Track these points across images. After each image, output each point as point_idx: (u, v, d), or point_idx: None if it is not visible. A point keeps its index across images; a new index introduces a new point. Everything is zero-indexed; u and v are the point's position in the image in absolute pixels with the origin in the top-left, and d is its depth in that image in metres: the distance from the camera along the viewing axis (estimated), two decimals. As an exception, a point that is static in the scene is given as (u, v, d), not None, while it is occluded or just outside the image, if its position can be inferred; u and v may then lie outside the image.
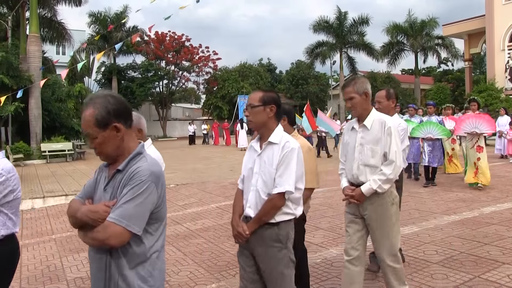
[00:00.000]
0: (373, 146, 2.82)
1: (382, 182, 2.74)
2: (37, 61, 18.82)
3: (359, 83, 2.86)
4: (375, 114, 2.91)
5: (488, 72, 24.08)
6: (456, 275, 3.63)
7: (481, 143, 7.64)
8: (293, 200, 2.37)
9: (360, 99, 2.85)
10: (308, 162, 2.83)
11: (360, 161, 2.87)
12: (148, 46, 34.88)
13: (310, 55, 36.79)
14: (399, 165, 2.77)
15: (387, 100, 3.71)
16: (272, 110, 2.40)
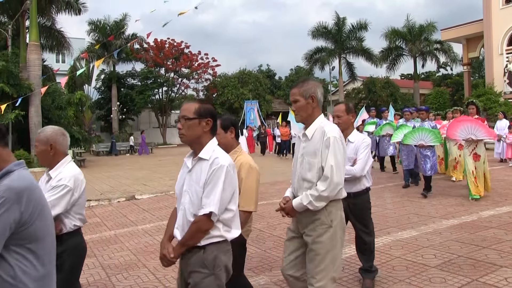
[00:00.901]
0: (311, 158, 2.54)
1: (313, 198, 2.45)
2: (37, 69, 18.91)
3: (306, 85, 2.60)
4: (319, 122, 2.59)
5: (487, 76, 24.20)
6: (454, 278, 3.64)
7: (479, 151, 7.01)
8: (224, 222, 2.17)
9: (305, 103, 2.57)
10: (248, 181, 2.64)
11: (299, 174, 2.61)
12: (148, 54, 35.05)
13: (309, 61, 36.97)
14: (336, 181, 2.44)
15: (347, 114, 3.47)
16: (208, 124, 2.20)
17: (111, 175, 13.72)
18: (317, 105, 2.61)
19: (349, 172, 3.32)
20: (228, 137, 2.82)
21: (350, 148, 3.43)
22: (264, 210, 7.10)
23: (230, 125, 2.83)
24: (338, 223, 2.55)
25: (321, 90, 2.66)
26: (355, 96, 37.99)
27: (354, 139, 3.49)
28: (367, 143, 3.49)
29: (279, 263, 4.35)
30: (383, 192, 8.46)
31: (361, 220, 3.57)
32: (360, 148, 3.43)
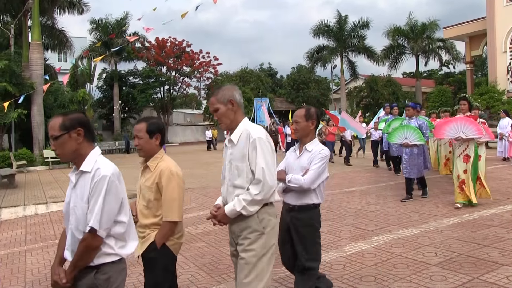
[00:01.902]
0: (239, 163, 2.42)
1: (247, 203, 2.33)
2: (39, 68, 18.97)
3: (222, 91, 2.50)
4: (244, 125, 2.49)
5: (490, 74, 24.09)
6: (455, 276, 3.64)
7: (471, 152, 6.38)
8: (117, 236, 2.03)
9: (225, 109, 2.47)
10: (168, 189, 2.53)
11: (229, 181, 2.49)
12: (149, 52, 35.08)
13: (310, 60, 36.94)
14: (269, 183, 2.33)
15: (306, 120, 3.15)
16: (79, 134, 2.04)
17: (113, 174, 13.74)
18: (238, 108, 2.50)
19: (297, 182, 3.01)
20: (153, 143, 2.65)
21: (305, 157, 3.12)
22: (266, 209, 7.11)
23: (156, 131, 2.65)
24: (271, 230, 2.43)
25: (239, 92, 2.53)
26: (357, 95, 37.96)
27: (312, 148, 3.13)
28: (324, 154, 3.09)
29: (279, 261, 4.36)
30: (384, 190, 8.46)
31: (302, 239, 3.09)
32: (315, 159, 3.06)
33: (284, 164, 3.24)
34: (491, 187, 7.96)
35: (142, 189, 2.66)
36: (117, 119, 34.29)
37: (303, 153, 3.15)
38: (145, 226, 2.59)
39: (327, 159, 3.10)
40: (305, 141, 3.18)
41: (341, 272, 3.93)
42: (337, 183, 9.64)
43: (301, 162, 3.11)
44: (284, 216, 3.16)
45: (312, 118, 3.15)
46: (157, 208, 2.58)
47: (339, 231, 5.41)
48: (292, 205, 3.10)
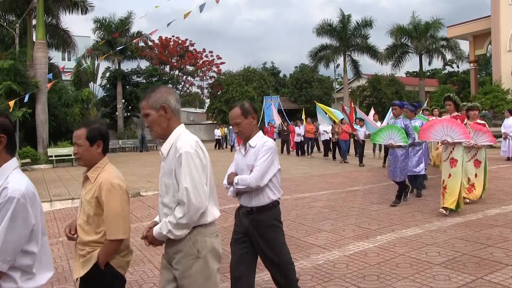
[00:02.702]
0: (167, 179, 2.19)
1: (172, 226, 2.10)
2: (43, 67, 19.05)
3: (155, 95, 2.23)
4: (175, 135, 2.23)
5: (494, 74, 24.00)
6: (458, 276, 3.64)
7: (457, 155, 5.96)
8: (23, 268, 1.79)
9: (157, 116, 2.21)
10: (110, 204, 2.25)
11: (159, 197, 2.29)
12: (152, 51, 35.15)
13: (313, 59, 36.93)
14: (195, 205, 2.07)
15: (245, 118, 2.86)
16: (0, 142, 1.83)
17: (116, 172, 13.79)
18: (172, 115, 2.24)
19: (243, 182, 2.78)
20: (94, 151, 2.36)
21: (251, 154, 2.87)
22: (269, 208, 7.12)
23: (98, 137, 2.37)
24: (208, 252, 2.19)
25: (175, 97, 2.29)
26: (360, 94, 37.89)
27: (255, 143, 2.87)
28: (268, 146, 2.82)
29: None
30: (388, 189, 8.44)
31: (268, 242, 2.85)
32: (260, 153, 2.80)
33: (234, 166, 3.02)
34: (495, 187, 7.97)
35: (82, 202, 2.38)
36: (120, 118, 34.38)
37: (248, 150, 2.90)
38: (84, 243, 2.30)
39: (272, 150, 2.84)
40: (250, 137, 2.91)
41: (344, 271, 3.93)
42: (340, 182, 9.64)
43: (247, 160, 2.88)
44: (242, 220, 2.89)
45: (250, 112, 2.87)
46: (98, 224, 2.29)
47: (342, 230, 5.41)
48: (249, 208, 2.85)
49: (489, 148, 7.63)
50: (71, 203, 8.79)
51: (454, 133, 5.87)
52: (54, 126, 19.71)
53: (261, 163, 2.78)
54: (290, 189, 8.92)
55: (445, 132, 5.93)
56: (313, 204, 7.26)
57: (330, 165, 13.56)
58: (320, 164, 14.41)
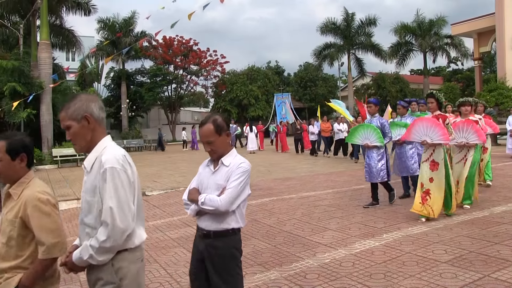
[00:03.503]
0: (89, 196, 1.96)
1: (94, 251, 1.88)
2: (47, 67, 19.14)
3: (74, 105, 2.01)
4: (100, 148, 2.02)
5: (499, 71, 23.83)
6: (465, 274, 3.62)
7: (438, 158, 5.59)
8: None
9: (79, 127, 2.00)
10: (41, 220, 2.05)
11: (80, 215, 2.04)
12: (156, 51, 35.21)
13: (318, 57, 36.85)
14: (120, 227, 1.86)
15: (219, 135, 2.51)
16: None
17: (121, 172, 13.83)
18: (97, 125, 2.03)
19: (212, 203, 2.42)
20: (16, 166, 2.16)
21: (222, 173, 2.52)
22: (274, 206, 7.13)
23: (20, 150, 2.16)
24: (131, 282, 1.99)
25: (98, 104, 2.06)
26: (364, 92, 37.79)
27: (229, 162, 2.53)
28: (244, 168, 2.49)
29: (289, 258, 4.38)
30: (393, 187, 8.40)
31: (219, 271, 2.47)
32: (233, 175, 2.47)
33: (197, 181, 2.65)
34: (501, 184, 7.92)
35: (3, 222, 2.14)
36: (124, 118, 34.48)
37: (219, 168, 2.54)
38: (1, 270, 2.06)
39: (247, 174, 2.51)
40: (223, 155, 2.56)
41: (350, 270, 3.92)
42: (345, 181, 9.62)
43: (216, 178, 2.51)
44: (197, 243, 2.58)
45: (224, 129, 2.53)
46: (22, 246, 2.08)
47: (348, 228, 5.40)
48: (206, 231, 2.50)
49: (495, 145, 7.48)
50: (77, 203, 8.84)
51: (433, 133, 5.54)
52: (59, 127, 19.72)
53: (235, 186, 2.43)
54: (296, 188, 8.91)
55: (424, 132, 5.61)
56: (319, 202, 7.26)
57: (335, 164, 13.53)
58: (325, 162, 14.39)
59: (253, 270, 4.12)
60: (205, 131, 2.51)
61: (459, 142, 6.11)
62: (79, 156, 17.92)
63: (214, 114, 2.61)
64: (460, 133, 6.16)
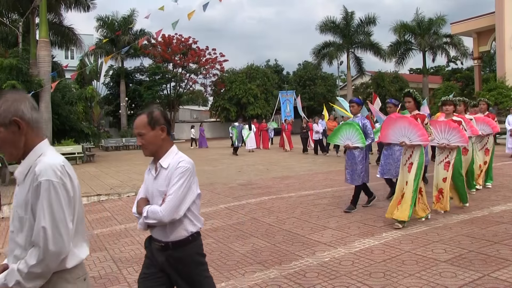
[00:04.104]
0: (21, 212, 1.69)
1: (22, 276, 1.62)
2: (46, 65, 19.07)
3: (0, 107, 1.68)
4: (35, 155, 1.74)
5: (498, 70, 23.85)
6: (465, 273, 3.62)
7: (414, 159, 5.28)
8: None
9: (7, 133, 1.69)
10: None
11: (11, 233, 1.76)
12: (155, 49, 35.16)
13: (317, 56, 36.87)
14: (54, 251, 1.62)
15: (152, 129, 2.26)
16: None
17: (120, 170, 13.84)
18: (30, 129, 1.72)
19: (154, 216, 2.18)
20: None
21: (162, 177, 2.26)
22: (273, 205, 7.13)
23: None
24: None
25: (29, 104, 1.74)
26: (364, 91, 37.80)
27: (168, 163, 2.26)
28: (183, 168, 2.22)
29: (289, 257, 4.38)
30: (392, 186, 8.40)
31: (189, 281, 2.31)
32: (173, 177, 2.20)
33: (144, 190, 2.39)
34: (500, 184, 7.92)
35: None
36: (123, 116, 34.46)
37: (159, 171, 2.28)
38: None
39: (189, 172, 2.25)
40: (159, 155, 2.30)
41: (350, 268, 3.92)
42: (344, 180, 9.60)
43: (158, 184, 2.26)
44: (156, 255, 2.32)
45: (159, 123, 2.27)
46: None
47: (347, 227, 5.40)
48: (164, 242, 2.26)
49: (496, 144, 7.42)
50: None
51: (412, 134, 5.23)
52: (58, 124, 19.73)
53: (175, 191, 2.17)
54: (295, 187, 8.91)
55: (403, 132, 5.30)
56: (318, 201, 7.25)
57: (334, 163, 13.53)
58: (324, 161, 14.39)
59: (252, 268, 4.12)
60: (137, 121, 2.29)
61: (440, 143, 5.70)
62: (78, 154, 17.89)
63: (154, 106, 2.37)
64: (441, 134, 5.75)
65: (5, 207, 8.34)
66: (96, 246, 5.38)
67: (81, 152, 18.29)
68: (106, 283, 4.02)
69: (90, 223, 6.85)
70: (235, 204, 7.36)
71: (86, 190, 9.70)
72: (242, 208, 7.02)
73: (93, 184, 10.73)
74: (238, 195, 8.25)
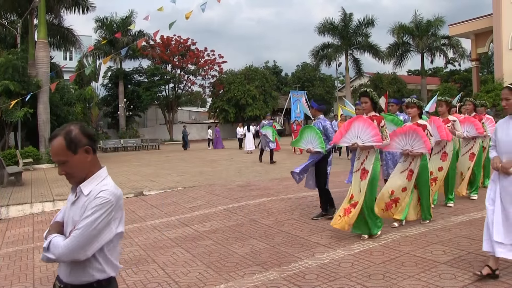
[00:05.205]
0: None
1: None
2: (45, 66, 19.06)
3: None
4: None
5: (496, 72, 23.93)
6: (464, 275, 3.62)
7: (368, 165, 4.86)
8: None
9: None
10: None
11: None
12: (154, 50, 35.15)
13: (315, 57, 36.95)
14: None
15: (74, 153, 1.85)
16: None
17: (119, 172, 13.81)
18: None
19: (53, 250, 1.77)
20: None
21: (80, 204, 1.85)
22: (272, 206, 7.12)
23: None
24: None
25: None
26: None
27: (90, 190, 1.85)
28: (103, 199, 1.79)
29: (288, 259, 4.37)
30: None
31: None
32: (88, 209, 1.78)
33: (62, 213, 2.01)
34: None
35: None
36: (122, 117, 34.42)
37: (78, 197, 1.89)
38: None
39: (110, 205, 1.80)
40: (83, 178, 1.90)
41: (349, 270, 3.92)
42: (342, 181, 9.59)
43: (74, 212, 1.86)
44: None
45: (81, 144, 1.86)
46: None
47: (346, 229, 5.39)
48: (63, 283, 1.88)
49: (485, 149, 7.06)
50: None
51: (365, 134, 4.79)
52: (56, 126, 19.69)
53: (85, 226, 1.75)
54: (293, 188, 8.90)
55: (356, 133, 4.86)
56: (317, 203, 7.22)
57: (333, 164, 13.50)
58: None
59: (251, 270, 4.11)
60: (54, 147, 1.84)
61: (403, 150, 5.17)
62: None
63: (71, 124, 1.92)
64: (404, 140, 5.14)
65: (2, 208, 8.32)
66: (95, 247, 5.36)
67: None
68: (105, 285, 4.01)
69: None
70: (234, 206, 7.35)
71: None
72: (241, 209, 7.02)
73: (92, 185, 10.69)
74: (237, 196, 8.25)
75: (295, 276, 3.86)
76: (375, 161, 4.85)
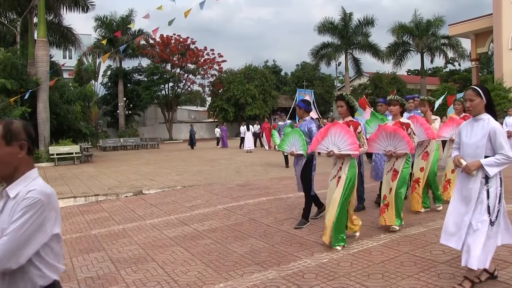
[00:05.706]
0: None
1: None
2: (44, 65, 19.03)
3: None
4: None
5: (496, 72, 23.93)
6: (463, 274, 3.62)
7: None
8: None
9: None
10: None
11: None
12: (154, 49, 35.13)
13: (315, 57, 36.94)
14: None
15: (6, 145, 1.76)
16: None
17: (118, 170, 13.80)
18: None
19: None
20: None
21: (7, 209, 1.73)
22: (272, 206, 7.12)
23: None
24: None
25: None
26: (362, 92, 37.88)
27: (17, 192, 1.73)
28: (32, 199, 1.67)
29: (287, 258, 4.37)
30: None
31: None
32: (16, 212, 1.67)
33: None
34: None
35: None
36: (121, 116, 34.41)
37: (6, 202, 1.75)
38: None
39: (40, 206, 1.68)
40: (13, 180, 1.78)
41: (348, 270, 3.92)
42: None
43: (2, 219, 1.72)
44: None
45: (18, 138, 1.78)
46: None
47: (345, 228, 5.39)
48: None
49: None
50: (73, 201, 8.81)
51: (342, 142, 4.59)
52: (55, 124, 19.69)
53: (14, 230, 1.62)
54: (293, 187, 8.90)
55: (332, 140, 4.67)
56: (316, 202, 7.24)
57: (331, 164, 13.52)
58: (321, 162, 14.37)
59: (250, 269, 4.11)
60: None
61: (386, 151, 5.08)
62: (76, 154, 17.85)
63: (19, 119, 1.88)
64: (387, 140, 5.04)
65: None
66: (94, 246, 5.37)
67: (79, 152, 18.25)
68: (104, 283, 4.01)
69: (88, 223, 6.84)
70: (233, 205, 7.35)
71: (84, 190, 9.68)
72: (240, 208, 7.02)
73: (91, 184, 10.70)
74: (236, 195, 8.25)
75: (294, 275, 3.86)
76: (350, 168, 4.65)
